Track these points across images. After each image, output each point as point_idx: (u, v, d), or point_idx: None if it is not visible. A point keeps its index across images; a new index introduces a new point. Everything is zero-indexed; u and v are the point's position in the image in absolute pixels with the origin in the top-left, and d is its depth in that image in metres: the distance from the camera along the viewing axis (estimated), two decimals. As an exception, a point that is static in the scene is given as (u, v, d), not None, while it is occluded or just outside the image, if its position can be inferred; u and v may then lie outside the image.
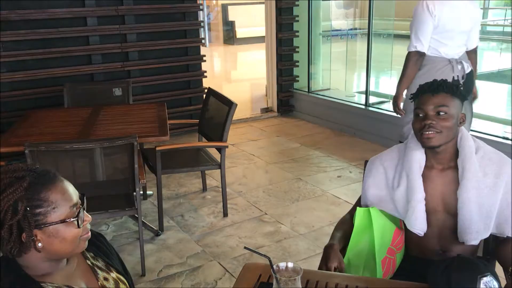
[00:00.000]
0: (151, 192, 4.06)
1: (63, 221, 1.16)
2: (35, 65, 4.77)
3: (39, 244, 1.14)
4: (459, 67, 3.28)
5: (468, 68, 3.33)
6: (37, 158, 2.62)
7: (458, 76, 3.26)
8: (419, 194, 1.74)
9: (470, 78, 3.34)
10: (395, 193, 1.81)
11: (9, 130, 3.37)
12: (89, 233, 1.25)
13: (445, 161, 1.75)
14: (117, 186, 2.96)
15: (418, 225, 1.76)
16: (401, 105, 3.46)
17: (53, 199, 1.15)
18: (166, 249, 3.25)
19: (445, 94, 1.67)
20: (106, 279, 1.31)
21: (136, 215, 2.93)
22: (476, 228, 1.69)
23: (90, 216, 1.24)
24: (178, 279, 2.92)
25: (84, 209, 1.22)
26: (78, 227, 1.18)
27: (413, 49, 3.28)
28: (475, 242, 1.72)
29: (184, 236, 3.41)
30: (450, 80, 3.12)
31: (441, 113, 1.66)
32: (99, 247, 1.38)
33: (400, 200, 1.80)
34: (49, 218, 1.14)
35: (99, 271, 1.31)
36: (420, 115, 1.70)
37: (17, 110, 4.55)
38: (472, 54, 3.43)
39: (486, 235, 1.72)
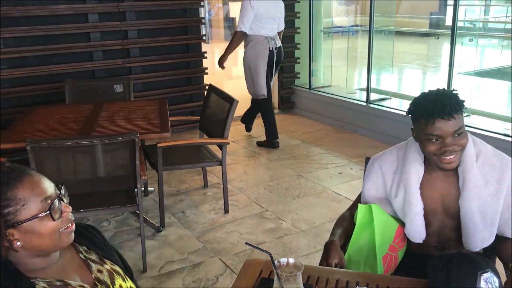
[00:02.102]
0: (152, 189, 4.07)
1: (35, 217, 1.12)
2: (36, 62, 4.77)
3: (18, 243, 1.12)
4: (273, 42, 4.82)
5: (279, 44, 4.93)
6: (39, 155, 2.63)
7: (272, 47, 4.81)
8: (417, 208, 1.73)
9: (280, 50, 4.96)
10: (393, 201, 1.80)
11: (10, 126, 3.37)
12: (73, 226, 1.21)
13: None
14: (119, 182, 2.96)
15: (417, 235, 1.76)
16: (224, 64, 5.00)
17: (21, 196, 1.11)
18: (167, 245, 3.25)
19: (457, 115, 1.58)
20: (100, 271, 1.29)
21: (138, 212, 2.93)
22: (481, 237, 1.68)
23: (70, 207, 1.20)
24: (179, 275, 2.92)
25: (62, 200, 1.19)
26: (53, 220, 1.15)
27: (239, 30, 4.73)
28: (480, 248, 1.72)
29: (185, 232, 3.41)
30: (267, 49, 4.78)
31: (459, 134, 1.61)
32: (90, 240, 1.36)
33: (398, 210, 1.80)
34: (19, 216, 1.11)
35: (92, 264, 1.29)
36: (435, 139, 1.61)
37: (18, 107, 4.56)
38: (280, 33, 5.04)
39: (491, 241, 1.71)
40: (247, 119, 5.51)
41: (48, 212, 1.14)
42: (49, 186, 1.17)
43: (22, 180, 1.13)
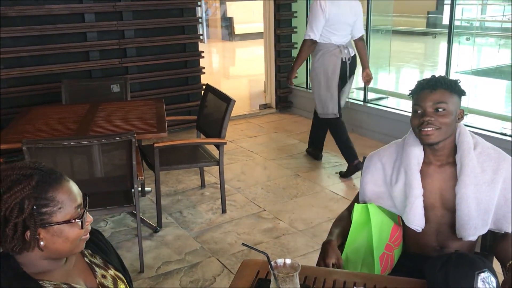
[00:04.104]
0: (149, 189, 4.06)
1: (68, 222, 1.16)
2: (33, 62, 4.76)
3: (41, 243, 1.14)
4: (346, 51, 4.14)
5: (352, 52, 4.21)
6: (35, 155, 2.62)
7: (345, 57, 4.12)
8: (417, 190, 1.74)
9: (354, 59, 4.26)
10: (393, 189, 1.81)
11: (6, 127, 3.36)
12: (88, 234, 1.25)
13: (443, 157, 1.75)
14: (116, 182, 2.95)
15: (416, 221, 1.76)
16: (292, 79, 4.43)
17: (60, 199, 1.15)
18: (164, 245, 3.25)
19: (444, 90, 1.66)
20: (104, 276, 1.31)
21: (135, 212, 2.93)
22: (474, 224, 1.69)
23: (91, 217, 1.25)
24: (176, 275, 2.92)
25: (86, 210, 1.23)
26: (82, 228, 1.19)
27: (308, 37, 4.11)
28: (473, 238, 1.72)
29: (182, 233, 3.41)
30: (340, 60, 4.10)
31: (440, 110, 1.65)
32: (96, 244, 1.38)
33: (398, 196, 1.80)
34: (54, 218, 1.14)
35: (97, 269, 1.31)
36: (419, 111, 1.69)
37: (15, 107, 4.54)
38: (359, 42, 4.31)
39: (484, 231, 1.72)
40: (316, 144, 4.66)
41: (81, 220, 1.18)
42: (79, 195, 1.21)
43: (61, 184, 1.17)
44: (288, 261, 1.36)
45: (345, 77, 4.19)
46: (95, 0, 4.90)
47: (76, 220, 1.17)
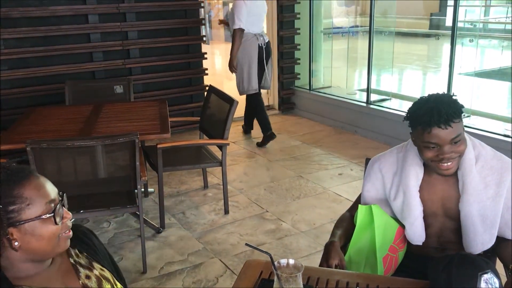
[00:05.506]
0: (152, 190, 4.07)
1: (38, 218, 1.12)
2: (37, 63, 4.77)
3: (16, 243, 1.11)
4: (261, 38, 5.02)
5: (267, 39, 5.13)
6: (39, 156, 2.63)
7: (261, 43, 5.00)
8: (416, 211, 1.73)
9: (268, 45, 5.16)
10: (392, 203, 1.80)
11: (10, 127, 3.37)
12: (70, 232, 1.21)
13: None
14: (119, 183, 2.96)
15: (417, 238, 1.76)
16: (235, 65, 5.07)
17: (28, 195, 1.11)
18: (167, 246, 3.25)
19: (456, 123, 1.57)
20: (88, 277, 1.27)
21: (138, 212, 2.93)
22: (481, 240, 1.68)
23: (70, 213, 1.20)
24: (179, 276, 2.92)
25: (63, 205, 1.19)
26: (55, 223, 1.15)
27: (238, 27, 4.85)
28: (481, 251, 1.71)
29: (185, 234, 3.41)
30: (257, 46, 4.96)
31: (457, 142, 1.60)
32: (86, 243, 1.35)
33: (398, 212, 1.80)
34: (23, 215, 1.11)
35: (81, 269, 1.27)
36: (432, 147, 1.61)
37: (19, 108, 4.56)
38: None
39: (491, 244, 1.71)
40: (250, 123, 5.61)
41: (52, 214, 1.14)
42: (52, 191, 1.17)
43: (29, 180, 1.14)
44: (291, 261, 1.36)
45: (262, 59, 5.04)
46: (99, 1, 4.91)
47: (47, 216, 1.13)
